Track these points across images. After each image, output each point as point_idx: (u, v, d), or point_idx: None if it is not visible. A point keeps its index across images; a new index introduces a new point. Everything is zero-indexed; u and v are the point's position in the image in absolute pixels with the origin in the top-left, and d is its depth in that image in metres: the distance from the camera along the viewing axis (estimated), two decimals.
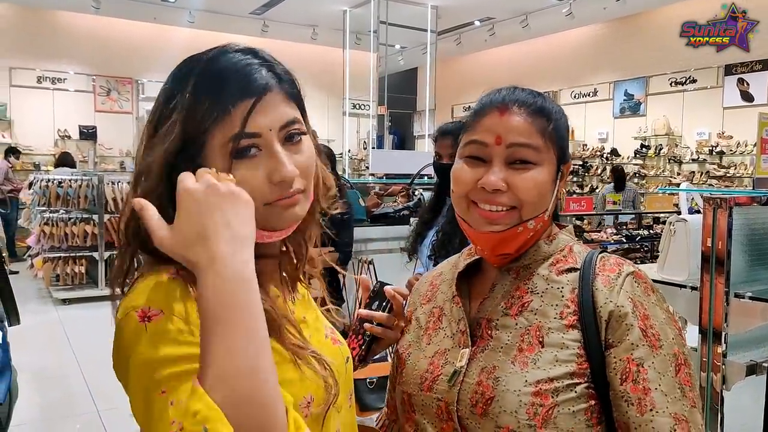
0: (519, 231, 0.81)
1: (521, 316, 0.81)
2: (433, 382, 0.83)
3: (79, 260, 6.47)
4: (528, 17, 9.28)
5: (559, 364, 0.76)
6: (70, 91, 9.71)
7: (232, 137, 0.66)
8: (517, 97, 0.83)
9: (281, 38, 10.43)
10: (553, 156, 0.83)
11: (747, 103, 8.06)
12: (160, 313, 0.61)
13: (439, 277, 0.98)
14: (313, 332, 0.77)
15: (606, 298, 0.78)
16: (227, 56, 0.69)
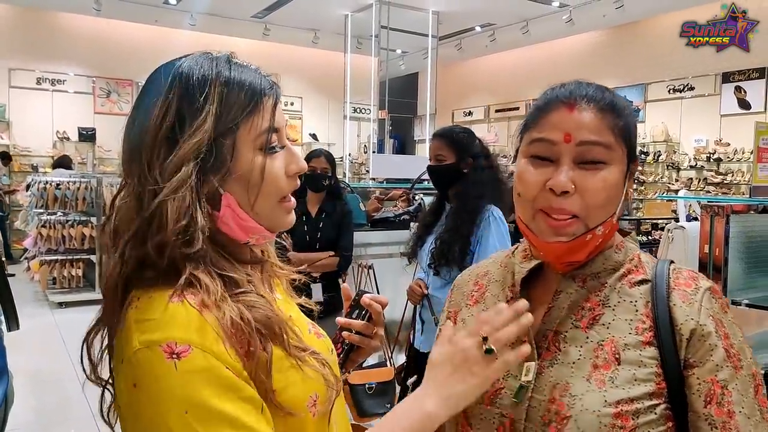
0: (588, 239, 0.76)
1: (592, 330, 0.76)
2: (495, 396, 0.79)
3: (76, 263, 6.45)
4: (528, 23, 9.31)
5: (638, 383, 0.72)
6: (69, 93, 9.70)
7: (265, 131, 0.70)
8: (586, 92, 0.77)
9: (283, 42, 10.46)
10: (623, 154, 0.77)
11: (744, 111, 8.09)
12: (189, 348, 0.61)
13: (486, 277, 0.92)
14: (299, 329, 0.76)
15: (686, 315, 0.74)
16: (237, 62, 0.73)
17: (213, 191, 0.68)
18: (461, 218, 1.98)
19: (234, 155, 0.68)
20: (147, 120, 0.68)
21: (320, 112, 11.37)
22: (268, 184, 0.70)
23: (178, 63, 0.72)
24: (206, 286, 0.65)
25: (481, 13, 9.16)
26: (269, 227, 0.73)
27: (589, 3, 8.38)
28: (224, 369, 0.62)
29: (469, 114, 12.37)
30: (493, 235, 1.95)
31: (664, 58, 8.78)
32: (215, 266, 0.68)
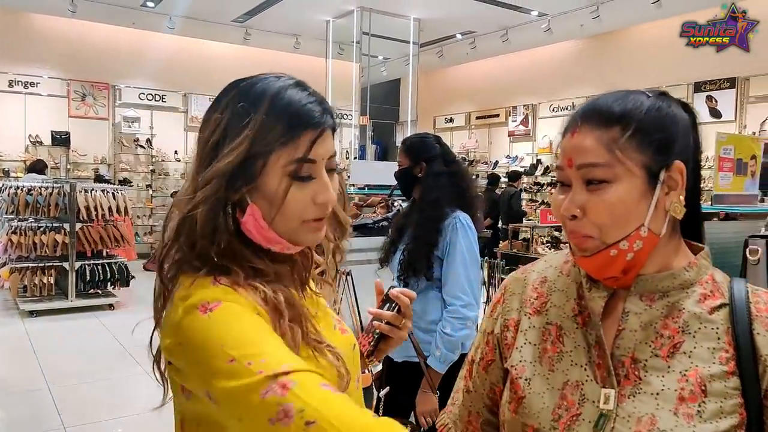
0: (612, 254, 0.75)
1: (674, 359, 0.74)
2: (571, 422, 0.76)
3: (48, 270, 6.26)
4: (508, 32, 9.41)
5: (725, 416, 0.70)
6: (43, 96, 9.47)
7: (296, 160, 0.76)
8: (590, 109, 0.77)
9: (264, 47, 10.39)
10: (634, 166, 0.74)
11: (715, 120, 8.29)
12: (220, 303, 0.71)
13: (544, 285, 0.88)
14: (324, 325, 0.85)
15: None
16: (296, 90, 0.79)
17: (242, 199, 0.77)
18: (425, 227, 1.97)
19: (263, 175, 0.76)
20: (204, 131, 0.79)
21: None
22: (289, 207, 0.77)
23: (242, 83, 0.80)
24: (235, 272, 0.75)
25: (461, 20, 9.23)
26: (290, 241, 0.80)
27: (567, 12, 8.50)
28: (254, 314, 0.71)
29: (451, 120, 12.44)
30: (460, 241, 1.92)
31: (639, 67, 8.96)
32: (243, 258, 0.77)
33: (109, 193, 6.43)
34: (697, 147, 0.80)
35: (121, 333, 5.43)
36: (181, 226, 0.77)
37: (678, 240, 0.80)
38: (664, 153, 0.75)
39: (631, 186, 0.74)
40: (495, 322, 0.91)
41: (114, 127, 10.01)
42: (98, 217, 6.25)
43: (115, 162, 9.99)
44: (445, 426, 0.96)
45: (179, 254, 0.78)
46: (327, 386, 0.65)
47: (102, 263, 6.39)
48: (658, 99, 0.77)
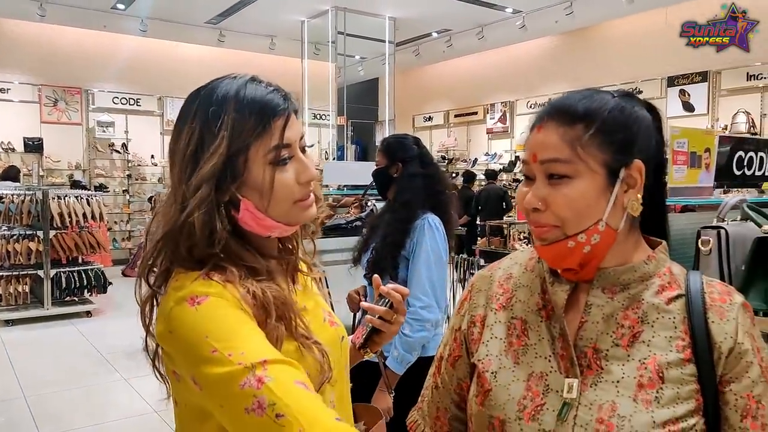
0: (570, 246, 0.78)
1: (633, 348, 0.77)
2: (536, 412, 0.78)
3: (22, 279, 6.18)
4: (484, 29, 9.47)
5: (682, 401, 0.74)
6: (14, 102, 9.32)
7: (273, 147, 0.81)
8: (556, 107, 0.80)
9: (239, 48, 10.32)
10: (594, 163, 0.76)
11: (688, 113, 8.44)
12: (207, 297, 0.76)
13: (510, 281, 0.90)
14: (312, 318, 0.89)
15: (725, 333, 0.76)
16: (253, 84, 0.83)
17: (233, 197, 0.82)
18: (393, 227, 1.98)
19: (246, 169, 0.81)
20: (178, 143, 0.83)
21: None
22: (278, 192, 0.82)
23: (202, 91, 0.84)
24: (230, 270, 0.80)
25: (437, 19, 9.27)
26: (287, 223, 0.85)
27: (541, 9, 8.59)
28: (238, 309, 0.76)
29: (430, 119, 12.49)
30: (426, 242, 1.93)
31: (613, 62, 9.09)
32: (238, 257, 0.82)
33: (83, 199, 6.36)
34: (660, 147, 0.83)
35: (98, 340, 5.39)
36: (175, 232, 0.80)
37: (637, 235, 0.83)
38: (625, 152, 0.77)
39: (591, 182, 0.76)
40: (462, 318, 0.93)
41: (88, 132, 9.88)
42: (72, 224, 6.18)
43: (90, 167, 9.87)
44: (414, 422, 0.97)
45: (170, 257, 0.82)
46: (300, 383, 0.70)
47: (78, 270, 6.32)
48: (623, 100, 0.80)
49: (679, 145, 2.00)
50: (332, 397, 0.89)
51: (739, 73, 7.93)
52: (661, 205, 0.88)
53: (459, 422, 0.93)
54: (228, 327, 0.74)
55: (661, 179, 0.86)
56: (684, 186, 2.04)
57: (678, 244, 1.86)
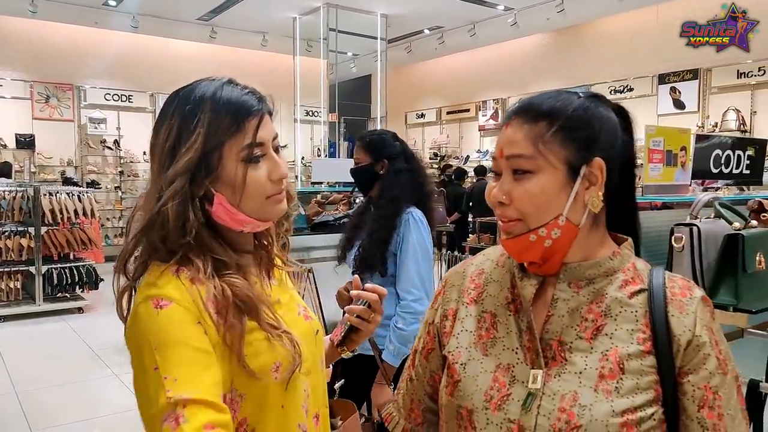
0: (532, 239, 0.80)
1: (597, 340, 0.79)
2: (502, 402, 0.81)
3: (14, 275, 6.19)
4: (475, 26, 9.50)
5: (641, 391, 0.76)
6: (6, 99, 9.29)
7: (246, 146, 0.86)
8: (524, 105, 0.83)
9: (231, 45, 10.31)
10: (556, 160, 0.79)
11: (679, 111, 8.48)
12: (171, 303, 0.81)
13: (481, 276, 0.93)
14: (286, 311, 0.94)
15: (683, 326, 0.78)
16: (230, 87, 0.89)
17: (208, 192, 0.86)
18: (379, 223, 2.00)
19: (220, 165, 0.86)
20: (158, 138, 0.88)
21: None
22: (250, 188, 0.87)
23: (183, 92, 0.89)
24: (197, 265, 0.84)
25: (428, 16, 9.29)
26: (259, 218, 0.90)
27: (532, 6, 8.62)
28: (195, 323, 0.81)
29: (422, 116, 12.51)
30: (413, 236, 1.96)
31: (605, 60, 9.13)
32: (209, 250, 0.86)
33: (75, 195, 6.37)
34: (627, 147, 0.85)
35: (90, 336, 5.40)
36: (152, 223, 0.85)
37: (603, 231, 0.85)
38: (586, 150, 0.80)
39: (552, 178, 0.79)
40: (435, 312, 0.96)
41: (80, 128, 9.86)
42: (64, 220, 6.19)
43: (82, 164, 9.86)
44: (390, 414, 1.00)
45: (148, 249, 0.87)
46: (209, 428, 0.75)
47: (69, 266, 6.33)
48: (588, 100, 0.82)
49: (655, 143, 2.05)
50: (306, 386, 0.93)
51: (730, 71, 7.96)
52: (631, 203, 0.91)
53: (432, 413, 0.95)
54: (175, 346, 0.78)
55: (630, 178, 0.88)
56: (660, 184, 2.09)
57: (654, 241, 1.90)
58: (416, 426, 0.97)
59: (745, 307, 1.59)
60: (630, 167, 0.87)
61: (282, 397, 0.88)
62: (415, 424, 0.97)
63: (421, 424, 0.97)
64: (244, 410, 0.86)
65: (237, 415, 0.85)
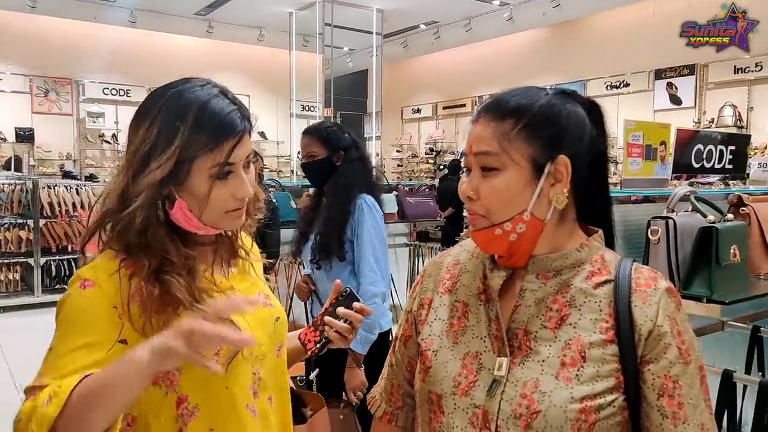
0: (497, 233, 0.82)
1: (561, 330, 0.81)
2: (469, 388, 0.83)
3: (13, 267, 6.26)
4: (471, 21, 9.51)
5: (601, 379, 0.78)
6: (6, 92, 9.33)
7: (219, 164, 0.88)
8: (492, 102, 0.85)
9: (227, 39, 10.33)
10: (520, 158, 0.81)
11: (675, 106, 8.48)
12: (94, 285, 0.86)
13: (457, 266, 0.95)
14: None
15: (645, 316, 0.79)
16: (218, 99, 0.90)
17: (170, 194, 0.89)
18: (334, 209, 2.06)
19: (188, 177, 0.88)
20: (137, 131, 0.89)
21: (268, 110, 11.27)
22: (213, 203, 0.89)
23: (170, 92, 0.90)
24: (142, 264, 0.87)
25: (424, 11, 9.31)
26: (215, 227, 0.94)
27: (528, 1, 8.64)
28: (111, 306, 0.85)
29: (418, 111, 12.53)
30: (367, 221, 2.03)
31: (601, 55, 9.13)
32: (162, 250, 0.88)
33: (73, 188, 6.43)
34: (595, 143, 0.86)
35: None
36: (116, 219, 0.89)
37: (572, 225, 0.87)
38: (551, 147, 0.81)
39: (517, 175, 0.81)
40: (414, 301, 0.99)
41: (78, 122, 9.90)
42: (62, 213, 6.24)
43: (81, 158, 9.90)
44: (373, 398, 1.04)
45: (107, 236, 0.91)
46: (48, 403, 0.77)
47: (68, 258, 6.39)
48: (556, 97, 0.84)
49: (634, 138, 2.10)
50: (257, 369, 0.96)
51: (727, 67, 7.90)
52: (604, 196, 0.92)
53: (411, 398, 0.99)
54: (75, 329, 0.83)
55: (602, 172, 0.90)
56: (639, 178, 2.15)
57: (633, 234, 1.95)
58: (396, 409, 1.00)
59: (718, 299, 1.62)
60: (601, 161, 0.89)
61: (225, 379, 0.90)
62: (395, 408, 1.00)
63: (400, 408, 1.00)
64: (183, 387, 0.89)
65: (176, 389, 0.89)
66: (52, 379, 0.79)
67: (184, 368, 0.88)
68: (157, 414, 0.89)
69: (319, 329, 1.09)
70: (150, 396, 0.88)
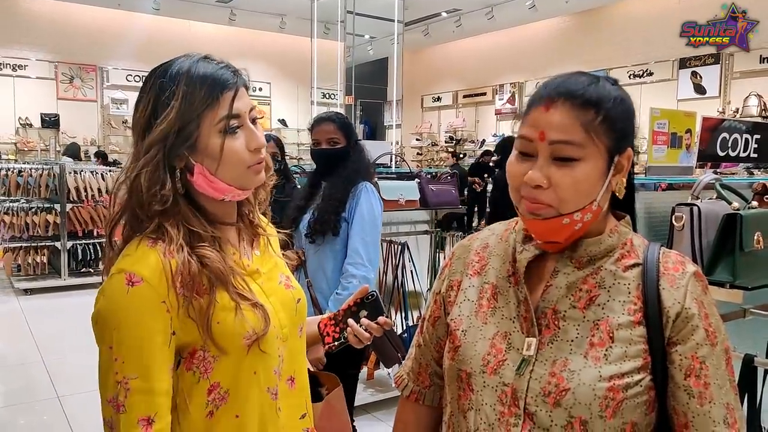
0: (564, 222, 0.81)
1: (589, 310, 0.83)
2: (498, 366, 0.85)
3: (41, 250, 6.43)
4: (493, 9, 9.44)
5: (628, 359, 0.80)
6: (31, 78, 9.53)
7: (223, 117, 0.88)
8: (566, 88, 0.81)
9: (249, 27, 10.39)
10: (602, 148, 0.80)
11: (700, 96, 8.35)
12: (141, 281, 0.84)
13: (486, 250, 0.97)
14: (266, 280, 0.99)
15: (674, 299, 0.81)
16: (205, 62, 0.91)
17: (188, 163, 0.89)
18: (337, 188, 2.16)
19: (198, 137, 0.88)
20: (136, 112, 0.91)
21: (289, 97, 11.34)
22: (228, 157, 0.89)
23: (160, 68, 0.92)
24: (171, 236, 0.87)
25: None
26: (239, 187, 0.93)
27: None
28: (160, 302, 0.85)
29: (438, 99, 12.49)
30: (363, 205, 2.12)
31: (625, 44, 9.01)
32: (185, 221, 0.89)
33: (98, 174, 6.56)
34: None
35: None
36: (131, 191, 0.89)
37: (608, 211, 0.88)
38: (624, 140, 0.82)
39: (596, 166, 0.80)
40: (443, 283, 1.00)
41: (102, 108, 10.07)
42: (88, 198, 6.38)
43: (105, 143, 10.08)
44: (400, 378, 1.06)
45: (131, 220, 0.91)
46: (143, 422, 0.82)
47: (93, 243, 6.55)
48: (619, 88, 0.84)
49: (660, 126, 2.09)
50: (282, 351, 0.97)
51: (753, 56, 7.79)
52: (631, 185, 0.93)
53: (438, 378, 1.01)
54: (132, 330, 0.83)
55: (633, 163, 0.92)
56: (664, 165, 2.14)
57: (658, 221, 1.96)
58: (423, 389, 1.02)
59: (741, 285, 1.63)
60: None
61: (254, 363, 0.92)
62: (422, 387, 1.02)
63: (428, 387, 1.02)
64: (217, 373, 0.90)
65: (210, 376, 0.89)
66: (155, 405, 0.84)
67: (221, 357, 0.89)
68: (189, 400, 0.90)
69: (340, 326, 1.12)
70: (183, 382, 0.89)
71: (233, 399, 0.91)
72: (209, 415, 0.90)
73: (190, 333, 0.87)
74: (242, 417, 0.92)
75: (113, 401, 0.83)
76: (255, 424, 0.93)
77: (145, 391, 0.83)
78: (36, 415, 3.49)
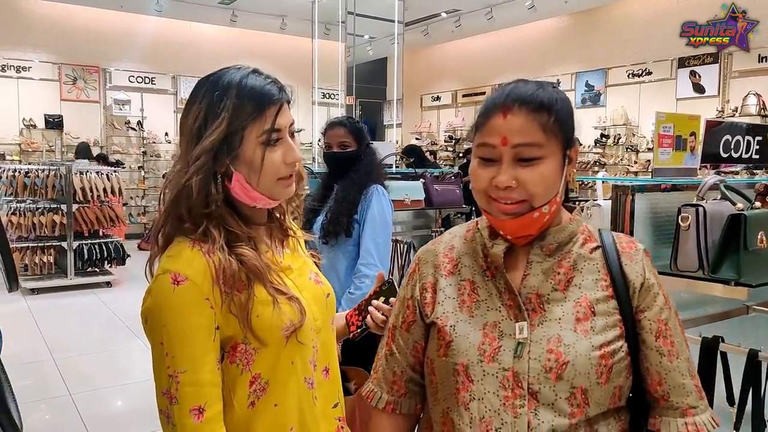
0: (535, 216, 0.89)
1: (569, 291, 0.92)
2: (495, 354, 0.90)
3: (47, 250, 6.48)
4: (493, 9, 9.47)
5: (609, 328, 0.90)
6: (35, 80, 9.54)
7: (266, 131, 0.95)
8: (518, 95, 0.88)
9: (250, 28, 10.42)
10: (558, 146, 0.89)
11: (698, 95, 8.37)
12: (186, 280, 0.90)
13: (453, 251, 1.02)
14: (297, 276, 1.05)
15: (635, 272, 0.93)
16: (254, 76, 0.98)
17: (228, 170, 0.95)
18: (349, 190, 2.21)
19: (241, 147, 0.95)
20: (187, 119, 0.97)
21: None
22: (266, 168, 0.96)
23: (212, 78, 0.98)
24: (213, 237, 0.94)
25: None
26: (270, 197, 0.99)
27: None
28: (203, 299, 0.91)
29: (437, 99, 12.53)
30: (374, 207, 2.18)
31: (624, 43, 9.04)
32: (224, 223, 0.96)
33: (104, 174, 6.61)
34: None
35: (119, 309, 5.65)
36: (179, 196, 0.95)
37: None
38: (571, 135, 0.92)
39: (555, 161, 0.89)
40: (413, 288, 1.03)
41: (105, 109, 10.10)
42: (93, 198, 6.43)
43: (108, 144, 10.11)
44: (371, 391, 1.06)
45: (175, 222, 0.97)
46: (194, 411, 0.88)
47: (99, 242, 6.60)
48: (561, 92, 0.93)
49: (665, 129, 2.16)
50: (316, 342, 1.03)
51: (752, 55, 7.76)
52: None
53: (414, 384, 1.04)
54: (182, 324, 0.89)
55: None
56: (669, 167, 2.21)
57: (663, 221, 2.02)
58: (399, 398, 1.03)
59: (745, 282, 1.68)
60: None
61: (292, 353, 0.97)
62: (398, 396, 1.03)
63: (403, 395, 1.03)
64: (258, 365, 0.95)
65: (251, 368, 0.94)
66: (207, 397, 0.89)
67: (261, 349, 0.94)
68: (233, 393, 0.94)
69: (362, 314, 1.19)
70: (228, 375, 0.94)
71: (272, 389, 0.96)
72: (251, 406, 0.95)
73: (232, 327, 0.92)
74: (281, 406, 0.97)
75: (167, 393, 0.89)
76: (294, 413, 0.98)
77: (194, 383, 0.89)
78: (48, 413, 3.54)
